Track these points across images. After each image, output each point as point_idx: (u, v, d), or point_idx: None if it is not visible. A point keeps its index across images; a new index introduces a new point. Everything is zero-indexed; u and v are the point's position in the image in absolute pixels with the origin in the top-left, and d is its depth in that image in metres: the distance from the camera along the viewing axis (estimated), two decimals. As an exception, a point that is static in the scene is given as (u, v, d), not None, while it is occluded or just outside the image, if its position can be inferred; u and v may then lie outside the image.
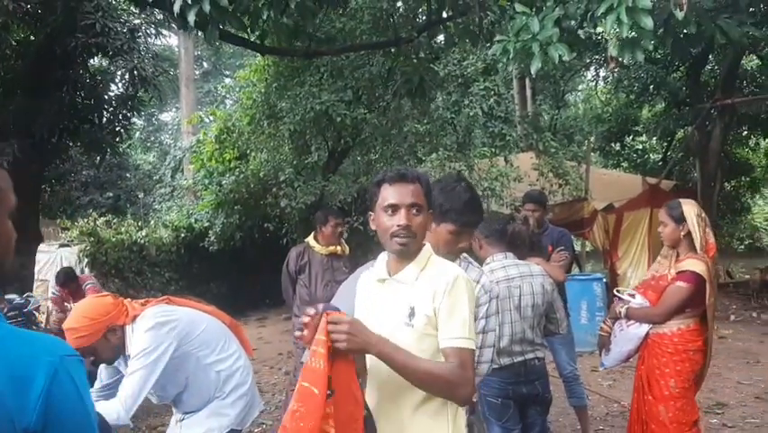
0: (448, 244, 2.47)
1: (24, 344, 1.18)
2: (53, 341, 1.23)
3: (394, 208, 2.07)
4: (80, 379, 1.20)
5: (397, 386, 2.00)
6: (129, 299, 3.06)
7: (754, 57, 15.98)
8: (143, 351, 2.76)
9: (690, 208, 3.68)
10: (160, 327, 2.84)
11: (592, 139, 17.41)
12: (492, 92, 12.17)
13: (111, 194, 17.81)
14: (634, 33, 3.44)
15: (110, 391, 2.98)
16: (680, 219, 3.66)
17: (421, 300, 2.04)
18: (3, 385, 1.10)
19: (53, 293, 6.89)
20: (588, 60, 15.93)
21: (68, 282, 6.33)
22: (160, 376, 2.81)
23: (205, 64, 31.24)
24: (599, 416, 5.92)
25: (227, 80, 25.02)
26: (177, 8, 4.16)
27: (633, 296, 3.86)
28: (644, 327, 3.76)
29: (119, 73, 9.51)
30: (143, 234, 11.42)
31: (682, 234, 3.65)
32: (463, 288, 2.02)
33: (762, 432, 5.39)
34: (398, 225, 2.05)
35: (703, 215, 3.70)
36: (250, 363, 3.27)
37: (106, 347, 2.86)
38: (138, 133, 25.17)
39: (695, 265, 3.56)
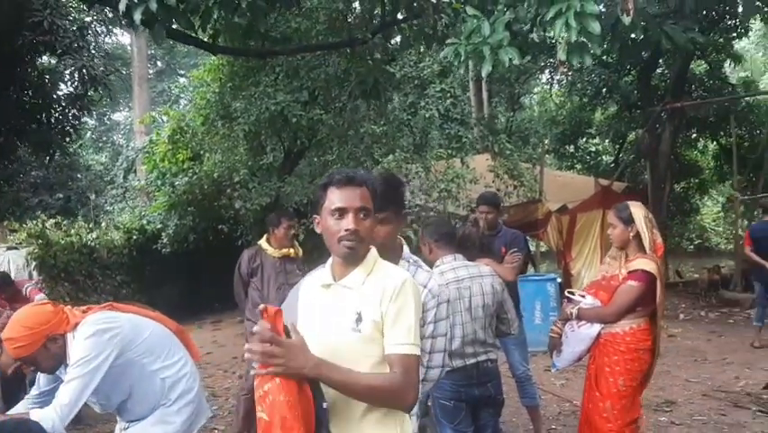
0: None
1: None
2: None
3: (341, 212, 2.03)
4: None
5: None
6: (70, 307, 2.97)
7: (703, 62, 16.41)
8: (82, 359, 2.68)
9: (637, 210, 3.74)
10: (102, 335, 2.76)
11: (547, 141, 17.66)
12: (448, 94, 12.28)
13: (61, 195, 17.36)
14: (582, 38, 3.49)
15: (47, 397, 2.88)
16: (628, 221, 3.72)
17: (368, 305, 2.00)
18: None
19: None
20: (542, 64, 16.16)
21: (4, 287, 6.04)
22: (103, 385, 2.73)
23: (159, 63, 30.74)
24: (552, 415, 5.98)
25: (181, 80, 24.66)
26: (122, 6, 4.06)
27: (583, 296, 3.90)
28: (596, 328, 3.80)
29: (68, 72, 9.25)
30: (94, 236, 11.16)
31: (631, 235, 3.71)
32: (410, 293, 2.00)
33: (708, 429, 5.51)
34: (346, 230, 2.01)
35: (650, 216, 3.77)
36: (196, 370, 3.20)
37: (47, 357, 2.77)
38: (89, 133, 24.64)
39: (646, 264, 3.62)
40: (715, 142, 17.71)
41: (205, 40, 7.51)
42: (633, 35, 3.73)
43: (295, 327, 1.94)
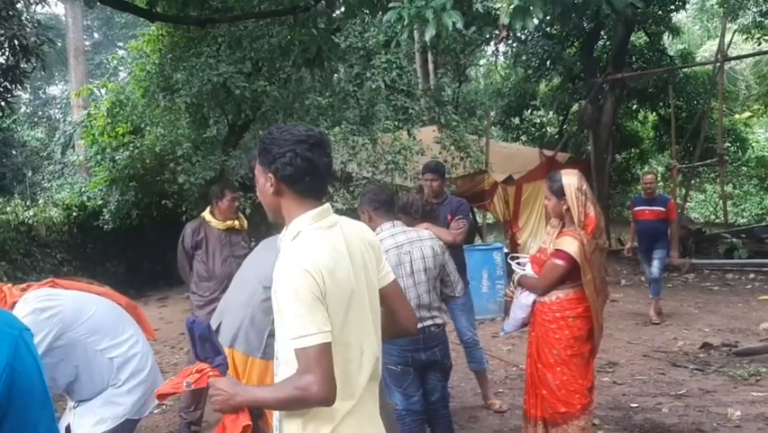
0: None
1: None
2: (9, 314, 1.23)
3: None
4: (37, 353, 1.19)
5: None
6: (9, 285, 2.82)
7: (643, 34, 16.71)
8: None
9: (570, 181, 3.66)
10: (39, 313, 2.63)
11: (492, 113, 17.78)
12: (394, 65, 12.20)
13: (-5, 172, 16.73)
14: (524, 2, 3.49)
15: None
16: (560, 193, 3.66)
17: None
18: None
19: None
20: (487, 36, 16.18)
21: None
22: (46, 367, 2.62)
23: (95, 35, 29.69)
24: (499, 379, 6.10)
25: (120, 52, 23.87)
26: (52, -33, 3.88)
27: (524, 264, 3.94)
28: (533, 296, 3.84)
29: (-3, 42, 8.84)
30: (32, 213, 10.80)
31: (564, 207, 3.66)
32: (283, 281, 1.85)
33: (649, 387, 5.70)
34: None
35: (584, 187, 3.67)
36: (149, 349, 3.10)
37: None
38: (23, 108, 23.72)
39: (569, 245, 3.58)
40: (654, 113, 18.12)
41: (143, 7, 7.25)
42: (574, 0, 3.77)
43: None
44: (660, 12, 15.22)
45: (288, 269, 1.85)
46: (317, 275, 1.82)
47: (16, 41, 8.36)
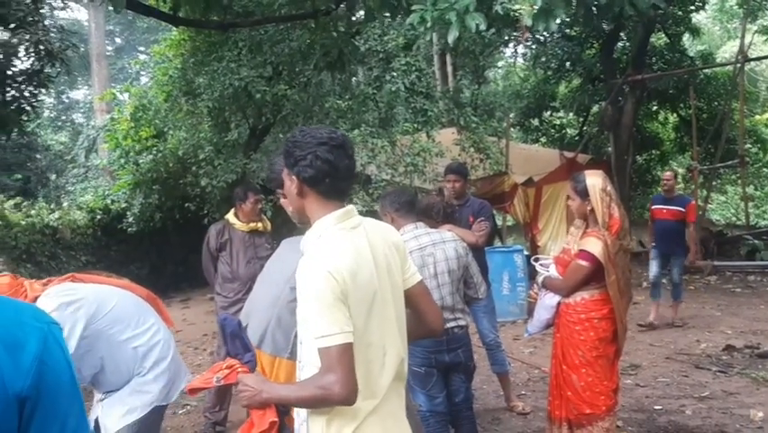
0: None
1: (11, 309, 1.16)
2: (37, 308, 1.24)
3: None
4: (66, 347, 1.20)
5: None
6: (30, 281, 2.87)
7: (663, 35, 16.61)
8: None
9: (594, 182, 3.65)
10: (65, 308, 2.69)
11: (512, 115, 17.74)
12: (413, 67, 12.23)
13: (20, 176, 16.97)
14: (547, 3, 3.50)
15: None
16: (584, 194, 3.65)
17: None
18: None
19: None
20: (506, 37, 16.18)
21: None
22: (73, 359, 2.68)
23: (117, 40, 30.04)
24: (521, 382, 6.09)
25: (141, 56, 24.14)
26: (81, -26, 3.95)
27: (548, 266, 3.94)
28: (557, 297, 3.84)
29: (23, 47, 8.98)
30: (56, 216, 10.93)
31: (588, 208, 3.65)
32: (306, 282, 1.89)
33: (671, 390, 5.67)
34: None
35: (609, 188, 3.65)
36: (171, 336, 3.17)
37: None
38: (47, 112, 24.04)
39: (593, 245, 3.57)
40: (675, 114, 17.99)
41: (166, 12, 7.35)
42: (597, 1, 3.76)
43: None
44: (680, 12, 15.14)
45: (311, 270, 1.88)
46: (339, 277, 1.84)
47: (41, 47, 8.48)
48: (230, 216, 5.39)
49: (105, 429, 2.93)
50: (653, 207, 8.31)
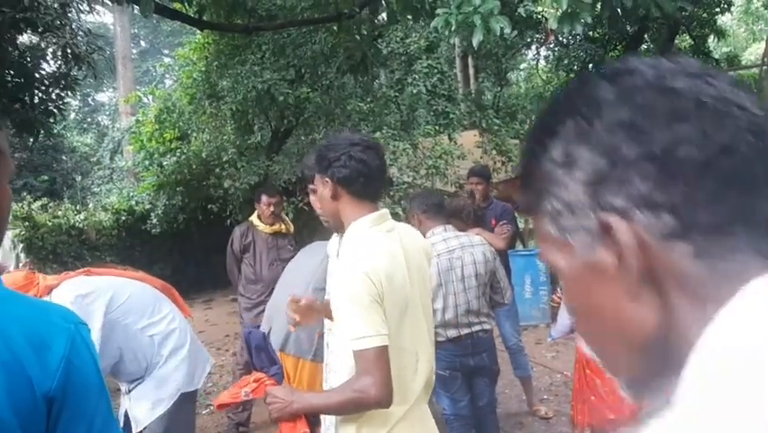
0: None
1: (38, 310, 1.17)
2: (65, 309, 1.23)
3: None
4: (93, 347, 1.20)
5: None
6: (43, 275, 2.91)
7: (687, 37, 16.44)
8: None
9: None
10: (83, 299, 2.74)
11: (534, 117, 17.62)
12: (435, 70, 12.23)
13: (46, 177, 17.21)
14: (573, 6, 3.49)
15: None
16: None
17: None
18: (21, 349, 1.07)
19: None
20: (528, 39, 16.10)
21: None
22: None
23: (142, 43, 30.37)
24: (544, 386, 6.06)
25: (166, 59, 24.39)
26: (109, -21, 4.01)
27: None
28: None
29: (50, 50, 9.11)
30: (82, 217, 11.09)
31: None
32: (343, 283, 1.89)
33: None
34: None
35: None
36: (187, 324, 3.20)
37: None
38: (73, 114, 24.36)
39: None
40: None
41: (192, 16, 7.43)
42: (622, 2, 3.74)
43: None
44: (705, 14, 14.97)
45: (347, 272, 1.87)
46: (375, 278, 1.83)
47: (68, 50, 8.60)
48: (253, 218, 5.44)
49: (135, 421, 2.98)
50: None
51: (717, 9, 14.95)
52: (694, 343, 0.50)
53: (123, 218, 11.76)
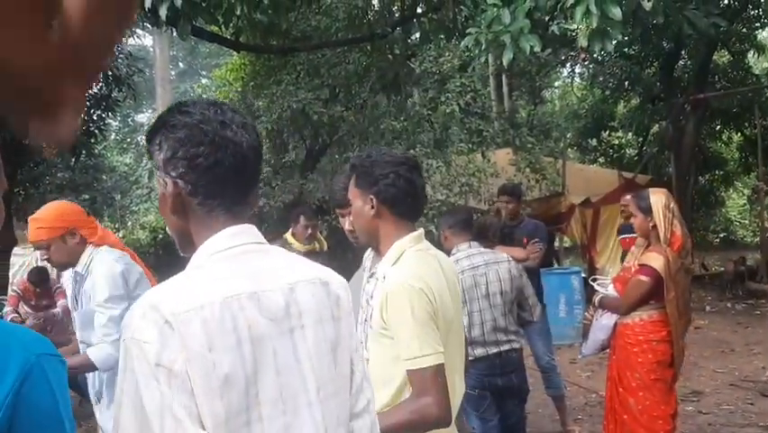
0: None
1: None
2: (33, 337, 1.08)
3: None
4: (58, 382, 1.04)
5: None
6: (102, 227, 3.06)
7: (726, 52, 16.21)
8: (113, 296, 2.71)
9: (658, 199, 3.64)
10: (127, 257, 2.87)
11: (569, 135, 17.54)
12: (469, 88, 12.21)
13: (87, 196, 17.54)
14: (603, 24, 3.49)
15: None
16: (647, 210, 3.63)
17: (378, 302, 1.91)
18: None
19: (13, 291, 6.54)
20: (563, 57, 16.06)
21: (40, 282, 6.24)
22: None
23: (180, 64, 31.02)
24: (578, 406, 5.97)
25: (203, 80, 24.87)
26: (148, 3, 4.14)
27: (607, 285, 3.90)
28: (614, 317, 3.78)
29: (93, 73, 9.38)
30: (120, 235, 11.33)
31: (651, 225, 3.62)
32: (398, 301, 1.82)
33: (735, 418, 5.47)
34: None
35: (672, 205, 3.65)
36: None
37: (62, 249, 2.77)
38: (114, 135, 24.93)
39: (655, 260, 3.54)
40: (739, 134, 17.46)
41: (228, 37, 7.60)
42: (654, 21, 3.72)
43: None
44: (744, 30, 14.75)
45: (401, 289, 1.82)
46: (430, 294, 1.80)
47: (109, 72, 8.86)
48: (288, 236, 5.49)
49: None
50: None
51: (758, 24, 14.74)
52: (198, 245, 1.23)
53: (161, 236, 12.00)
